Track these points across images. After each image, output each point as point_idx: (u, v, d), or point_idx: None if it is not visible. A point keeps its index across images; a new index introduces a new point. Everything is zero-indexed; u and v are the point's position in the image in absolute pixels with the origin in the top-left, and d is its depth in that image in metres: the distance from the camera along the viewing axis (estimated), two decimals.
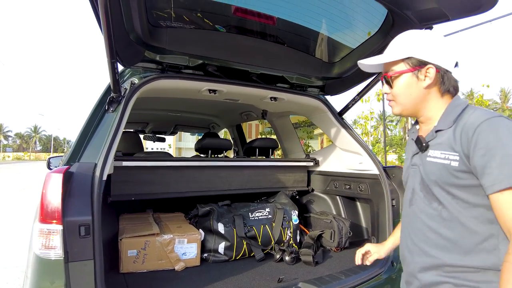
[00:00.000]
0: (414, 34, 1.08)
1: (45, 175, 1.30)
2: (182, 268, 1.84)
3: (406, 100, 1.09)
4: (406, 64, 1.06)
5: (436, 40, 1.05)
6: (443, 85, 1.04)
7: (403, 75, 1.07)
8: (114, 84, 1.56)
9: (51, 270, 1.22)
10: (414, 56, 1.04)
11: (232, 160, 2.52)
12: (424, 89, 1.05)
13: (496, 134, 0.89)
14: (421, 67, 1.04)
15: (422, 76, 1.04)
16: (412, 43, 1.06)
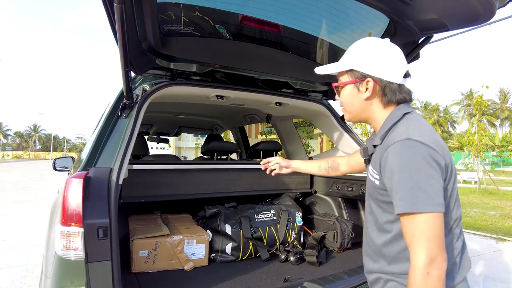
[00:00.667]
0: (360, 46, 1.09)
1: (66, 179, 1.37)
2: (191, 268, 1.91)
3: (351, 109, 1.14)
4: (349, 76, 1.09)
5: (379, 53, 1.06)
6: (385, 97, 1.06)
7: (346, 86, 1.11)
8: (127, 91, 1.63)
9: (72, 270, 1.29)
10: (355, 69, 1.07)
11: (238, 162, 2.59)
12: (364, 101, 1.08)
13: (397, 159, 0.93)
14: (361, 79, 1.06)
15: (363, 88, 1.07)
16: (356, 55, 1.08)
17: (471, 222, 7.08)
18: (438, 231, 0.89)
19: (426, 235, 0.88)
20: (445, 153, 0.96)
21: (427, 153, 0.91)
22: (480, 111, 13.79)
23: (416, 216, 0.89)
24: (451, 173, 0.97)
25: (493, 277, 3.86)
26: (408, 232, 0.92)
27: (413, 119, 1.02)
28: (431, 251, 0.87)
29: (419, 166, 0.90)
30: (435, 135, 0.99)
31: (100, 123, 1.88)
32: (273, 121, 3.11)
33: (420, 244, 0.88)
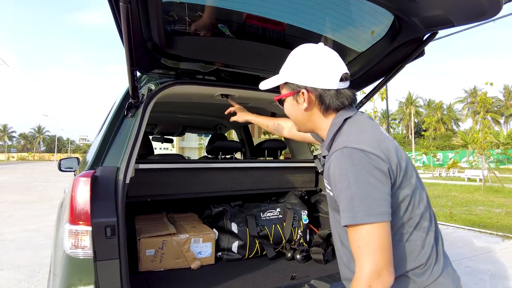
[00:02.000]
0: (292, 56, 1.09)
1: (73, 179, 1.38)
2: (198, 267, 1.92)
3: (295, 120, 1.12)
4: (286, 89, 1.09)
5: (309, 61, 1.04)
6: (323, 105, 1.03)
7: (287, 99, 1.10)
8: (133, 91, 1.64)
9: (81, 268, 1.30)
10: (289, 81, 1.06)
11: (243, 161, 2.59)
12: (305, 111, 1.06)
13: (337, 169, 0.91)
14: (297, 91, 1.05)
15: (301, 99, 1.05)
16: (289, 67, 1.08)
17: (476, 220, 7.04)
18: (382, 241, 0.85)
19: (370, 247, 0.85)
20: (390, 155, 0.93)
21: (365, 161, 0.89)
22: (484, 108, 13.72)
23: (359, 228, 0.86)
24: (403, 172, 0.94)
25: (500, 275, 3.84)
26: (353, 243, 0.89)
27: (354, 124, 1.00)
28: (376, 264, 0.84)
29: (357, 175, 0.87)
30: (378, 138, 0.95)
31: (106, 122, 1.89)
32: None
33: (365, 256, 0.85)
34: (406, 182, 0.95)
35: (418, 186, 0.99)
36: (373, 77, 2.18)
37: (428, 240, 0.98)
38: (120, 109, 1.79)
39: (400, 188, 0.94)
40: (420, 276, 0.95)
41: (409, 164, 0.98)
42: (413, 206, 0.96)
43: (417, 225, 0.97)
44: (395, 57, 2.01)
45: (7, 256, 4.33)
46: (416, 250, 0.96)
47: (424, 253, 0.96)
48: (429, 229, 0.99)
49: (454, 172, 23.07)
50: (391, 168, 0.92)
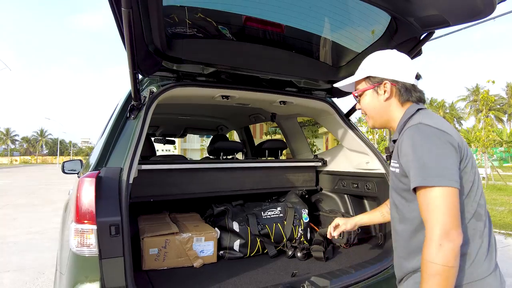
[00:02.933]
0: (372, 56, 1.24)
1: (78, 179, 1.42)
2: (201, 265, 1.95)
3: (373, 113, 1.24)
4: (367, 83, 1.22)
5: (392, 58, 1.20)
6: (402, 97, 1.17)
7: (366, 92, 1.23)
8: (135, 93, 1.67)
9: (86, 266, 1.33)
10: (372, 75, 1.20)
11: (244, 161, 2.62)
12: (384, 102, 1.19)
13: (411, 141, 1.01)
14: (379, 83, 1.19)
15: (382, 91, 1.19)
16: (371, 64, 1.22)
17: None
18: (451, 205, 0.92)
19: (439, 209, 0.92)
20: (459, 138, 1.02)
21: (438, 134, 0.98)
22: (486, 106, 13.68)
23: (429, 190, 0.94)
24: (467, 157, 1.01)
25: (503, 273, 3.84)
26: (423, 207, 0.97)
27: (426, 113, 1.11)
28: (445, 225, 0.91)
29: (431, 145, 0.97)
30: (448, 125, 1.05)
31: (109, 125, 1.93)
32: (278, 120, 3.14)
33: (434, 218, 0.92)
34: (471, 169, 1.02)
35: (478, 181, 1.05)
36: None
37: (486, 233, 1.02)
38: (123, 111, 1.83)
39: (464, 172, 1.00)
40: (471, 267, 0.98)
41: (470, 154, 1.05)
42: (475, 194, 1.02)
43: (475, 213, 1.01)
44: None
45: (12, 258, 4.38)
46: (472, 239, 1.00)
47: (478, 243, 1.00)
48: (486, 223, 1.04)
49: None
50: (460, 147, 1.00)
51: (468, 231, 1.00)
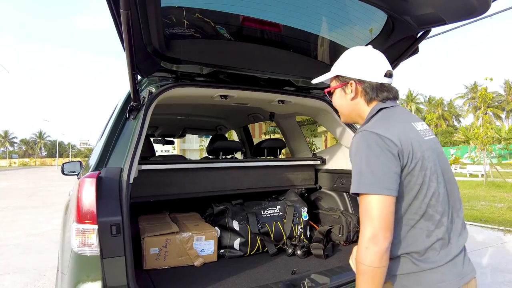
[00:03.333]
0: (344, 55, 1.26)
1: (79, 180, 1.43)
2: (201, 264, 1.97)
3: (342, 110, 1.29)
4: (336, 81, 1.27)
5: (361, 57, 1.22)
6: (367, 95, 1.19)
7: (336, 90, 1.28)
8: (134, 94, 1.68)
9: (88, 265, 1.34)
10: (341, 74, 1.24)
11: (243, 161, 2.64)
12: (351, 101, 1.23)
13: (354, 148, 1.08)
14: (346, 83, 1.22)
15: (348, 90, 1.22)
16: (341, 62, 1.25)
17: (478, 215, 7.06)
18: (382, 212, 0.98)
19: (370, 215, 0.99)
20: (404, 143, 1.05)
21: (379, 142, 1.03)
22: (485, 103, 13.72)
23: (364, 197, 1.01)
24: (412, 161, 1.05)
25: (501, 268, 3.87)
26: (360, 211, 1.04)
27: (386, 113, 1.15)
28: (373, 229, 0.98)
29: (370, 153, 1.02)
30: (399, 127, 1.08)
31: (109, 125, 1.94)
32: (276, 119, 3.16)
33: (365, 222, 1.00)
34: (419, 172, 1.05)
35: (428, 182, 1.06)
36: None
37: (436, 233, 1.05)
38: (122, 112, 1.84)
39: (410, 175, 1.04)
40: (421, 262, 1.03)
41: (428, 159, 1.07)
42: (424, 196, 1.05)
43: (425, 214, 1.05)
44: (390, 55, 2.04)
45: (13, 260, 4.39)
46: (420, 238, 1.04)
47: (427, 243, 1.04)
48: (442, 224, 1.06)
49: (456, 168, 23.06)
50: (402, 152, 1.04)
51: (416, 231, 1.05)
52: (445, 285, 1.03)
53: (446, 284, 1.03)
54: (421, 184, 1.05)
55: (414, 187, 1.05)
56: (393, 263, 1.06)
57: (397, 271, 1.06)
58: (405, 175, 1.04)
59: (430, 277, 1.03)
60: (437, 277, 1.03)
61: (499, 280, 3.54)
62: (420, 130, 1.15)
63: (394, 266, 1.06)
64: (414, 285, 1.04)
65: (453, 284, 1.04)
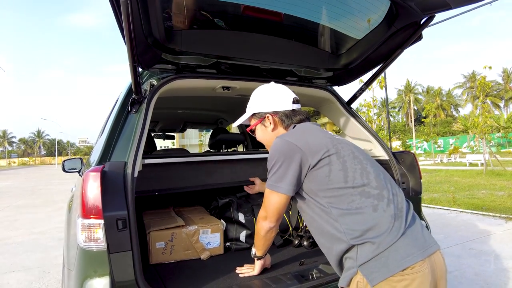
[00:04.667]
0: (255, 93, 1.47)
1: (83, 174, 1.41)
2: (208, 257, 1.96)
3: (266, 142, 1.47)
4: (255, 119, 1.46)
5: (269, 92, 1.43)
6: (284, 123, 1.40)
7: (257, 127, 1.46)
8: (136, 86, 1.65)
9: (95, 260, 1.33)
10: (256, 111, 1.43)
11: (246, 153, 2.62)
12: (272, 132, 1.42)
13: (270, 150, 1.29)
14: (263, 118, 1.42)
15: (267, 123, 1.42)
16: (254, 101, 1.45)
17: (479, 204, 7.09)
18: (276, 205, 1.27)
19: (267, 203, 1.30)
20: (311, 145, 1.21)
21: (284, 147, 1.22)
22: (483, 92, 13.70)
23: (268, 191, 1.28)
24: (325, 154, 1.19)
25: (504, 256, 3.88)
26: (264, 198, 1.32)
27: (297, 127, 1.34)
28: (266, 214, 1.33)
29: (276, 157, 1.23)
30: (306, 134, 1.27)
31: (110, 120, 1.91)
32: None
33: (264, 206, 1.33)
34: (337, 160, 1.19)
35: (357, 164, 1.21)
36: (371, 63, 2.19)
37: (382, 206, 1.12)
38: (124, 105, 1.81)
39: (329, 166, 1.18)
40: (378, 238, 1.07)
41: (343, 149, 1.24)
42: (353, 178, 1.17)
43: (362, 193, 1.15)
44: (393, 42, 2.02)
45: (17, 259, 4.39)
46: (367, 215, 1.11)
47: (376, 217, 1.10)
48: (383, 196, 1.15)
49: (455, 157, 23.10)
50: (308, 155, 1.20)
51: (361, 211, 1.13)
52: (410, 259, 1.05)
53: (411, 258, 1.05)
54: (343, 169, 1.17)
55: (338, 173, 1.17)
56: (356, 252, 1.10)
57: (363, 259, 1.08)
58: (322, 166, 1.18)
59: (393, 255, 1.05)
60: (400, 253, 1.05)
61: (503, 267, 3.56)
62: (330, 133, 1.34)
63: (359, 255, 1.10)
64: (381, 267, 1.05)
65: (417, 256, 1.06)
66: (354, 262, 1.10)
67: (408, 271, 1.04)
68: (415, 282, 1.03)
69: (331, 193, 1.16)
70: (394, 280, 1.03)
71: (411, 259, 1.05)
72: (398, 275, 1.03)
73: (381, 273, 1.05)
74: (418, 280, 1.04)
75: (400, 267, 1.04)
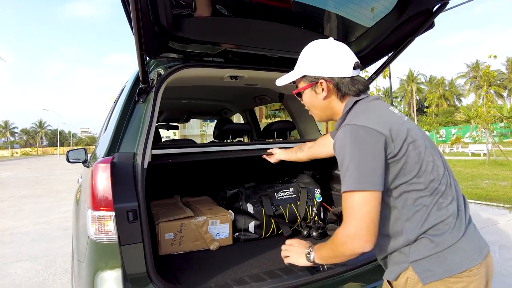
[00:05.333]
0: (307, 51, 1.20)
1: (93, 165, 1.39)
2: (217, 248, 1.95)
3: (315, 110, 1.24)
4: (305, 81, 1.20)
5: (326, 53, 1.15)
6: (340, 92, 1.14)
7: (305, 91, 1.21)
8: (143, 75, 1.62)
9: (106, 252, 1.32)
10: (307, 74, 1.17)
11: (253, 143, 2.59)
12: (323, 100, 1.17)
13: (338, 144, 1.04)
14: (315, 82, 1.16)
15: (319, 90, 1.16)
16: (306, 61, 1.19)
17: (482, 194, 7.08)
18: (369, 209, 0.96)
19: (357, 212, 0.97)
20: (392, 130, 1.02)
21: (363, 135, 0.99)
22: (487, 82, 13.57)
23: (350, 194, 0.97)
24: (408, 145, 1.03)
25: (509, 245, 3.89)
26: (344, 209, 1.01)
27: (362, 105, 1.11)
28: (358, 229, 0.96)
29: (353, 149, 0.99)
30: (379, 115, 1.06)
31: (117, 110, 1.88)
32: (285, 101, 3.09)
33: (351, 219, 0.98)
34: (413, 152, 1.03)
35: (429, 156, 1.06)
36: (382, 52, 2.15)
37: (446, 205, 1.04)
38: (131, 95, 1.78)
39: (406, 157, 1.02)
40: (438, 237, 1.01)
41: (417, 137, 1.06)
42: (425, 172, 1.03)
43: (431, 189, 1.03)
44: (404, 30, 1.98)
45: (23, 248, 4.42)
46: (432, 213, 1.02)
47: (440, 216, 1.03)
48: (448, 194, 1.05)
49: (457, 147, 23.07)
50: (391, 139, 1.01)
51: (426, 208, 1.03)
52: (468, 261, 1.00)
53: (470, 260, 1.01)
54: (418, 162, 1.03)
55: (414, 166, 1.03)
56: (411, 248, 1.04)
57: (417, 255, 1.02)
58: (400, 158, 1.02)
59: (452, 256, 1.00)
60: (459, 255, 1.01)
61: (508, 257, 3.56)
62: (397, 113, 1.13)
63: (413, 252, 1.03)
64: (437, 267, 1.00)
65: (477, 259, 1.02)
66: (405, 257, 1.05)
67: (466, 273, 1.00)
68: (472, 285, 1.00)
69: (401, 188, 1.03)
70: (451, 281, 1.00)
71: (470, 261, 1.01)
72: (455, 276, 0.99)
73: (436, 272, 1.00)
74: (474, 283, 1.00)
75: (459, 269, 1.00)
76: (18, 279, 3.38)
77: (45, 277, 3.42)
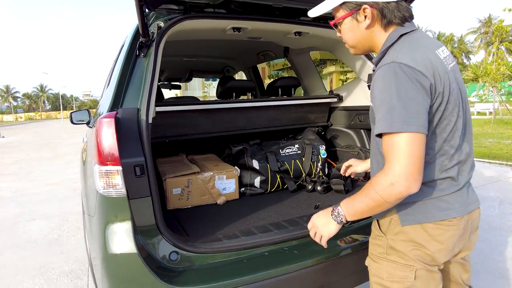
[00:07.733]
0: None
1: (97, 120, 1.37)
2: (224, 202, 2.00)
3: (354, 42, 1.12)
4: (344, 10, 1.07)
5: None
6: (385, 19, 1.03)
7: (344, 21, 1.09)
8: (143, 28, 1.55)
9: (115, 206, 1.33)
10: (348, 0, 1.04)
11: (257, 100, 2.55)
12: (366, 30, 1.06)
13: (380, 82, 0.95)
14: (357, 9, 1.04)
15: (361, 17, 1.04)
16: None
17: (486, 152, 7.09)
18: (416, 150, 0.90)
19: (403, 152, 0.90)
20: (435, 75, 0.95)
21: (409, 75, 0.91)
22: (499, 37, 13.04)
23: (395, 136, 0.91)
24: (448, 92, 0.97)
25: (508, 201, 3.95)
26: (386, 150, 0.94)
27: (408, 41, 1.00)
28: (406, 168, 0.89)
29: (399, 88, 0.91)
30: (427, 56, 0.96)
31: (117, 66, 1.83)
32: (290, 56, 2.99)
33: (396, 159, 0.91)
34: (441, 107, 0.97)
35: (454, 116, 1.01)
36: None
37: (449, 169, 1.02)
38: (131, 50, 1.72)
39: (431, 110, 0.96)
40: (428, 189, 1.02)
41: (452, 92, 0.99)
42: (442, 131, 1.00)
43: (440, 150, 1.01)
44: None
45: (36, 208, 4.58)
46: (431, 173, 1.01)
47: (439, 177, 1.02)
48: (454, 159, 1.03)
49: None
50: (434, 86, 0.94)
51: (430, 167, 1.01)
52: (449, 213, 1.02)
53: (451, 212, 1.02)
54: (440, 118, 0.98)
55: (435, 122, 0.98)
56: None
57: (404, 200, 1.00)
58: (438, 106, 0.97)
59: (434, 205, 1.02)
60: (442, 205, 1.02)
61: (507, 212, 3.63)
62: (443, 58, 1.02)
63: None
64: (418, 213, 1.03)
65: (458, 212, 1.03)
66: None
67: (446, 222, 1.02)
68: (448, 233, 1.03)
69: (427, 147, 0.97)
70: (429, 227, 1.03)
71: (450, 213, 1.02)
72: (435, 223, 1.02)
73: (416, 218, 1.03)
74: (451, 232, 1.03)
75: (438, 218, 1.02)
76: (34, 236, 3.54)
77: (60, 234, 3.57)
